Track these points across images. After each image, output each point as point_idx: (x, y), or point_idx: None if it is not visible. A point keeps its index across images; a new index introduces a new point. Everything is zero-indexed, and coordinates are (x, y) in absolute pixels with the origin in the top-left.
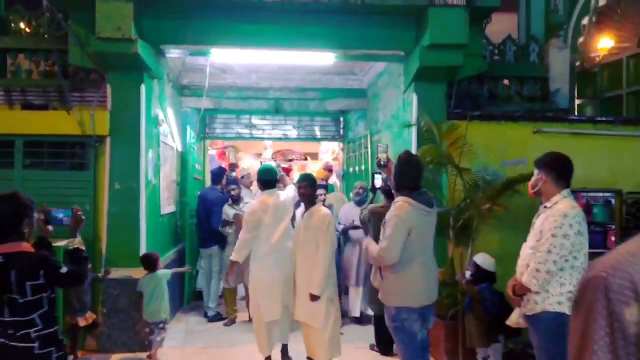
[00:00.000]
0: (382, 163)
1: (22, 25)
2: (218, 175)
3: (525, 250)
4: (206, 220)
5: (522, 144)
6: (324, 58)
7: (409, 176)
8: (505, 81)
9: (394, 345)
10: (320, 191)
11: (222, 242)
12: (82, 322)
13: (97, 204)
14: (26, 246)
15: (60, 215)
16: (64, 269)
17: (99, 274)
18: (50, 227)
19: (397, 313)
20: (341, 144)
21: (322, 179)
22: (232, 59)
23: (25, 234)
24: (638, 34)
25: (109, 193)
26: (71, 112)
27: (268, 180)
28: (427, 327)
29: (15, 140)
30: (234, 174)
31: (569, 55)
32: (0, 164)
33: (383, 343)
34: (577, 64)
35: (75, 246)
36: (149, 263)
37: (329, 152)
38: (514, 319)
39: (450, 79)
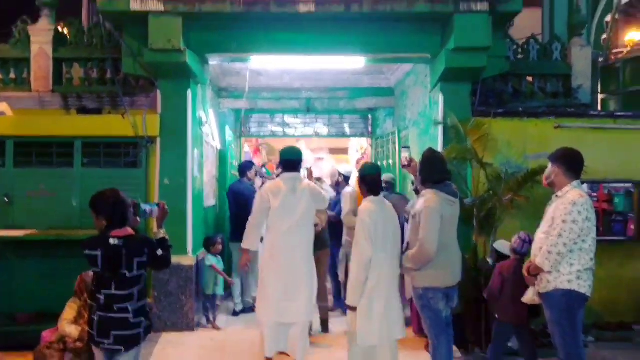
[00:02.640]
0: (405, 163)
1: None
2: (246, 167)
3: (539, 235)
4: (235, 213)
5: (543, 139)
6: (354, 62)
7: (433, 171)
8: (529, 78)
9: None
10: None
11: None
12: None
13: (149, 198)
14: (132, 230)
15: (147, 209)
16: (159, 251)
17: None
18: (138, 219)
19: (424, 293)
20: (370, 140)
21: None
22: (269, 65)
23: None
24: None
25: (160, 188)
26: (125, 116)
27: (288, 160)
28: (451, 306)
29: (74, 142)
30: (263, 169)
31: (592, 52)
32: (62, 163)
33: None
34: (601, 60)
35: (162, 236)
36: (207, 244)
37: (358, 147)
38: (530, 296)
39: (474, 79)
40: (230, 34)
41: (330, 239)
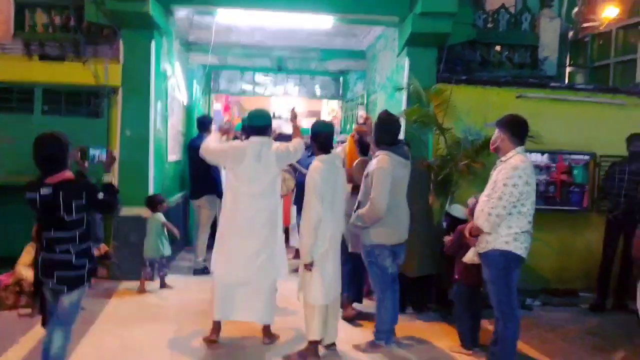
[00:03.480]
0: (361, 121)
1: None
2: (203, 123)
3: (482, 198)
4: (194, 169)
5: (505, 108)
6: (323, 21)
7: (387, 133)
8: (498, 47)
9: None
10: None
11: (211, 191)
12: (95, 253)
13: (110, 148)
14: (70, 174)
15: (96, 153)
16: (101, 195)
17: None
18: (86, 164)
19: (372, 250)
20: (340, 102)
21: None
22: (236, 19)
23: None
24: (627, 6)
25: (121, 139)
26: (86, 64)
27: (255, 126)
28: (398, 263)
29: (34, 89)
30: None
31: (561, 25)
32: (21, 109)
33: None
34: (571, 33)
35: (109, 181)
36: (151, 204)
37: (329, 110)
38: (470, 256)
39: (440, 45)
40: None
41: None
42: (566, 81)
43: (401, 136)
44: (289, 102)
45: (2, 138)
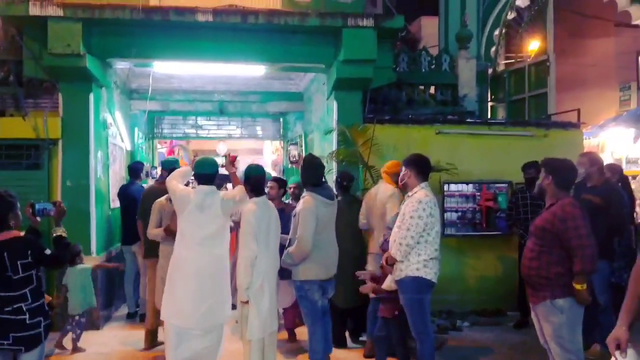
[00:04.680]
0: (293, 160)
1: None
2: (135, 169)
3: (394, 229)
4: (124, 216)
5: (426, 144)
6: (254, 70)
7: (312, 175)
8: (422, 87)
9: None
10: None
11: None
12: None
13: (52, 200)
14: (16, 233)
15: (43, 208)
16: (47, 251)
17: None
18: (38, 219)
19: (301, 285)
20: (281, 142)
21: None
22: (172, 70)
23: (13, 225)
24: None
25: (62, 190)
26: (26, 118)
27: (200, 174)
28: (327, 297)
29: None
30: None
31: (481, 63)
32: None
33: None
34: (490, 70)
35: (59, 234)
36: (71, 257)
37: (274, 149)
38: (388, 283)
39: (364, 87)
40: (131, 40)
41: None
42: (489, 115)
43: (333, 175)
44: (233, 144)
45: None
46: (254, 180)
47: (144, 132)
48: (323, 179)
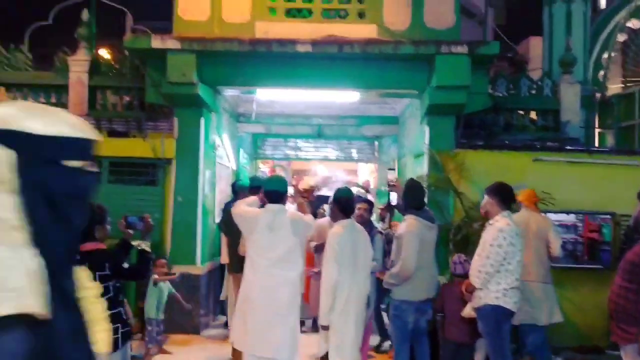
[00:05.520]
0: (391, 184)
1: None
2: (238, 187)
3: (475, 257)
4: (224, 234)
5: (522, 171)
6: (350, 95)
7: (414, 198)
8: (522, 112)
9: None
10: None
11: None
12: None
13: (165, 213)
14: (99, 245)
15: (134, 222)
16: (126, 265)
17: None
18: (130, 231)
19: (399, 304)
20: (376, 165)
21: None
22: (274, 96)
23: (98, 237)
24: None
25: (174, 204)
26: (146, 139)
27: (270, 192)
28: (426, 318)
29: (102, 161)
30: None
31: (587, 88)
32: None
33: None
34: (598, 95)
35: (142, 248)
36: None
37: (368, 170)
38: (467, 310)
39: (457, 113)
40: (238, 70)
41: None
42: (596, 142)
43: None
44: (329, 165)
45: None
46: (343, 201)
47: (248, 152)
48: (424, 202)
